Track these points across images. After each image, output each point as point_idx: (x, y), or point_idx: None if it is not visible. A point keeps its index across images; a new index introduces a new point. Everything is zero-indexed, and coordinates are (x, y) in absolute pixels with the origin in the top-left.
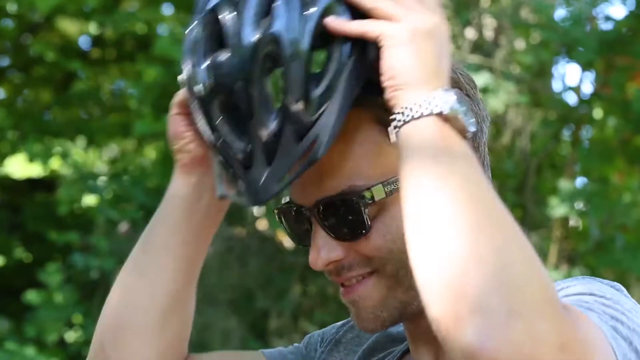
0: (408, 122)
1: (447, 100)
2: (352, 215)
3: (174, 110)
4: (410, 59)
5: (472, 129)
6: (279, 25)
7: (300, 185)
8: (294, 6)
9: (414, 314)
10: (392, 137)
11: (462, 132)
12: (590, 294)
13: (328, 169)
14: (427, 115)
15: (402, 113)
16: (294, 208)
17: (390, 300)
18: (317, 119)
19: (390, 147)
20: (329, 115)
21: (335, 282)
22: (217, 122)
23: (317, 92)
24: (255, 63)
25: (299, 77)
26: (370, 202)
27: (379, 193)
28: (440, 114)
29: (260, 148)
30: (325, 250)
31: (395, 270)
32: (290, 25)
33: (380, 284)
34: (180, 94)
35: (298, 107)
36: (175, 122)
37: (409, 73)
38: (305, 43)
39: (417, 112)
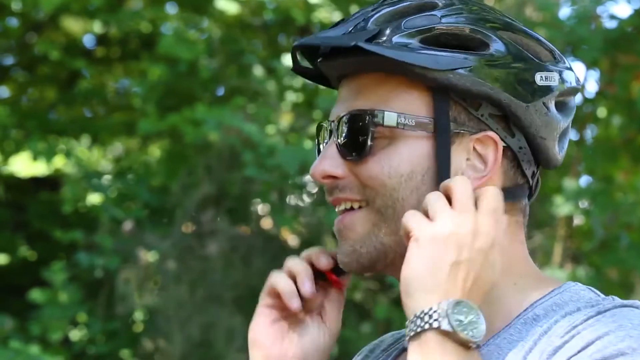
0: (413, 336)
1: (448, 315)
2: (360, 133)
3: (264, 300)
4: (421, 266)
5: (476, 339)
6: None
7: (336, 104)
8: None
9: (393, 264)
10: (405, 344)
11: (464, 344)
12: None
13: (361, 91)
14: (427, 330)
15: (408, 327)
16: (325, 124)
17: (371, 238)
18: (400, 47)
19: (419, 91)
20: (408, 55)
21: (329, 203)
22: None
23: (416, 42)
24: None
25: (421, 23)
26: (379, 123)
27: (390, 119)
28: (438, 329)
29: (354, 24)
30: (327, 163)
31: (384, 207)
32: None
33: (366, 219)
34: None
35: (407, 37)
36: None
37: (418, 281)
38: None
39: (419, 326)
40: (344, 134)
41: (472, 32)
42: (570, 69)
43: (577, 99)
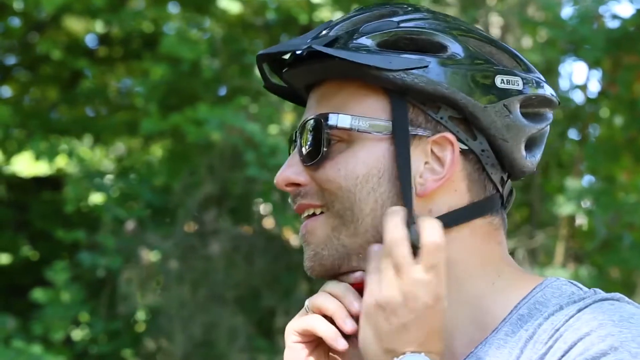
0: None
1: None
2: (317, 138)
3: (295, 337)
4: (368, 335)
5: None
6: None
7: (303, 114)
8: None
9: (359, 270)
10: None
11: None
12: None
13: (322, 98)
14: None
15: None
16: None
17: (333, 241)
18: (356, 51)
19: (377, 94)
20: (362, 56)
21: (295, 212)
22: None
23: (372, 45)
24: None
25: (377, 28)
26: (333, 126)
27: (343, 122)
28: None
29: (317, 32)
30: (290, 171)
31: (342, 209)
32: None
33: (326, 223)
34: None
35: (363, 41)
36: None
37: (367, 351)
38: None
39: None
40: (304, 141)
41: (430, 36)
42: (543, 81)
43: (579, 98)
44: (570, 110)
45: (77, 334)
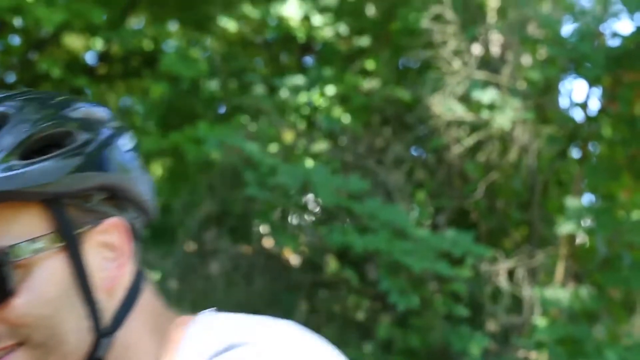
0: None
1: None
2: None
3: None
4: None
5: None
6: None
7: None
8: None
9: None
10: None
11: None
12: None
13: None
14: None
15: None
16: None
17: None
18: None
19: (35, 208)
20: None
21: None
22: None
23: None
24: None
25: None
26: (15, 260)
27: (23, 252)
28: None
29: None
30: None
31: (45, 338)
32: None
33: (27, 358)
34: None
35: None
36: None
37: None
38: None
39: None
40: None
41: (51, 128)
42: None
43: (579, 115)
44: (570, 128)
45: None
